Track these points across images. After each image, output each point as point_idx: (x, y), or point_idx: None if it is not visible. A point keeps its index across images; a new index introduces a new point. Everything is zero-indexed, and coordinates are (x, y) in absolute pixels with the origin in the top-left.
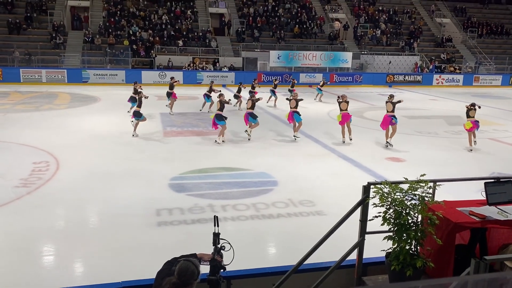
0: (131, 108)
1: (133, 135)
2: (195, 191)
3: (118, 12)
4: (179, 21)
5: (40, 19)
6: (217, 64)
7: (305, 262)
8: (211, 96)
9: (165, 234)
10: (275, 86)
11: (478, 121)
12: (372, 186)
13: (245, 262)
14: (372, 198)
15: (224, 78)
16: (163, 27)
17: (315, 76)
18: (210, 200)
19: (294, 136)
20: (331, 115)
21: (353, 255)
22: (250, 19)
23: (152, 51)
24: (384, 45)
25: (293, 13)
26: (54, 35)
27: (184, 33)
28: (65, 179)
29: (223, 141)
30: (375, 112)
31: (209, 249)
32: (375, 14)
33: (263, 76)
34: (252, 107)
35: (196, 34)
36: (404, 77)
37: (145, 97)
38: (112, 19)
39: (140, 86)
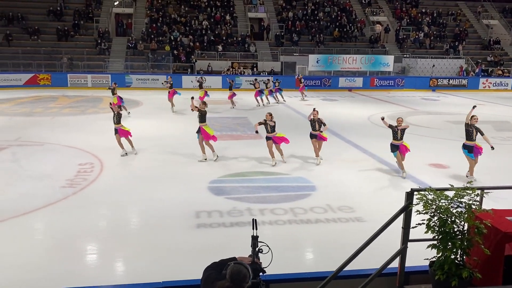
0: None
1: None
2: (233, 195)
3: (160, 19)
4: (218, 26)
5: (86, 26)
6: (255, 69)
7: (345, 269)
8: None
9: (204, 236)
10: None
11: None
12: (415, 193)
13: (282, 266)
14: (416, 205)
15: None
16: (203, 32)
17: (355, 80)
18: (248, 203)
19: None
20: (372, 120)
21: (395, 263)
22: (289, 23)
23: (192, 56)
24: (428, 48)
25: (333, 16)
26: (99, 41)
27: (224, 38)
28: (108, 181)
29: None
30: (417, 117)
31: (247, 252)
32: (418, 16)
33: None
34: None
35: (235, 39)
36: (449, 81)
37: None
38: (154, 25)
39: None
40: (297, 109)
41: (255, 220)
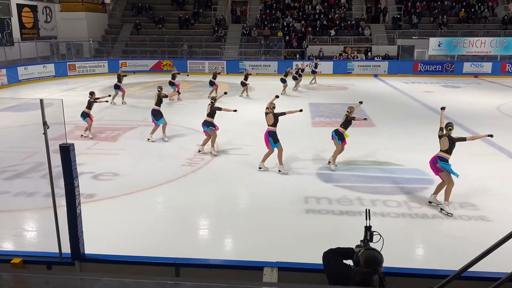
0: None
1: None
2: (343, 183)
3: (274, 4)
4: (332, 10)
5: (205, 14)
6: (369, 53)
7: (469, 269)
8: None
9: (313, 222)
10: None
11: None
12: None
13: (393, 260)
14: None
15: (376, 68)
16: (316, 17)
17: (482, 65)
18: (359, 193)
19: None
20: (502, 110)
21: None
22: (409, 4)
23: (304, 42)
24: None
25: None
26: (216, 28)
27: (337, 22)
28: (222, 161)
29: (150, 140)
30: None
31: (356, 241)
32: None
33: (420, 65)
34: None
35: (349, 22)
36: None
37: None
38: (268, 11)
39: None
40: (415, 96)
41: (369, 210)
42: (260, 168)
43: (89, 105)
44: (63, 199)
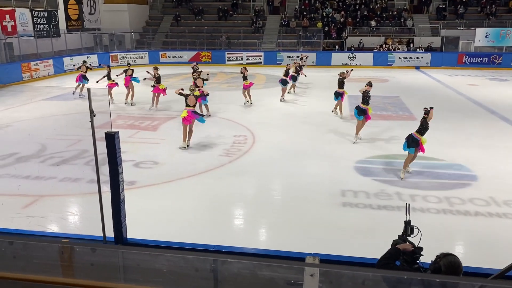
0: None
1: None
2: (381, 177)
3: None
4: (373, 0)
5: (244, 6)
6: (411, 45)
7: None
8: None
9: (350, 215)
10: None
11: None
12: None
13: (432, 256)
14: None
15: (419, 60)
16: (357, 7)
17: None
18: (397, 188)
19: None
20: None
21: None
22: None
23: (344, 33)
24: None
25: None
26: (254, 19)
27: (378, 13)
28: (259, 153)
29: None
30: None
31: (394, 236)
32: None
33: (465, 57)
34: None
35: (390, 13)
36: None
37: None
38: (307, 2)
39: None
40: (459, 90)
41: (408, 204)
42: (184, 147)
43: (109, 77)
44: (105, 185)
